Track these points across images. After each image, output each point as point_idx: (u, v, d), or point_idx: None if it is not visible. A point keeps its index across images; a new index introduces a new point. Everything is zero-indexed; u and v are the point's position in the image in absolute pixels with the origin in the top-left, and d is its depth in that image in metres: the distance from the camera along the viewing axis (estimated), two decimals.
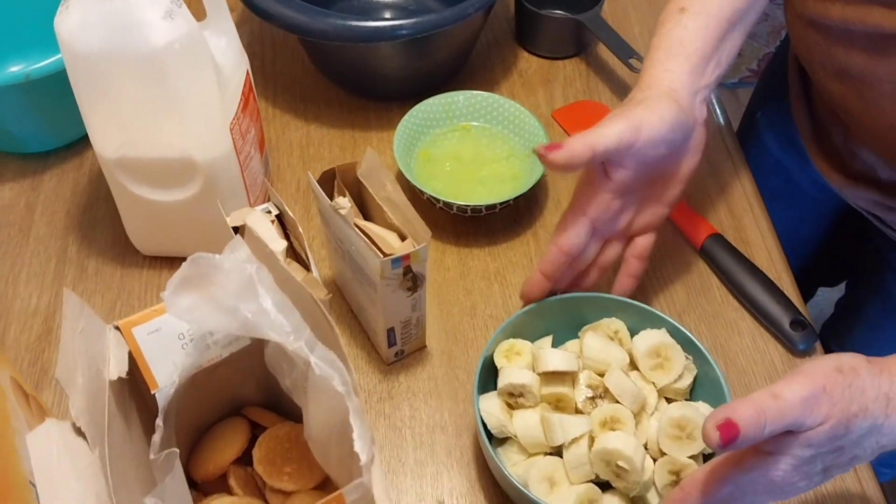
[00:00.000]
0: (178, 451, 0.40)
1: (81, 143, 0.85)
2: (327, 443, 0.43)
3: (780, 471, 0.47)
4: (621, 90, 0.92)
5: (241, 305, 0.38)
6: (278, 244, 0.42)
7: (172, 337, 0.43)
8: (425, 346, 0.72)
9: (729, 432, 0.45)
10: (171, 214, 0.70)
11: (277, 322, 0.38)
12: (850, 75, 0.65)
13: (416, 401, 0.69)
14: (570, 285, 0.69)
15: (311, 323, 0.39)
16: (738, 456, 0.50)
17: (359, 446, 0.35)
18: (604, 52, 0.96)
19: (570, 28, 0.94)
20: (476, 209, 0.75)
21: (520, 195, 0.76)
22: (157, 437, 0.41)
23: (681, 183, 0.66)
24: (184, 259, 0.55)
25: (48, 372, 0.70)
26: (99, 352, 0.40)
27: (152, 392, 0.42)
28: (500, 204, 0.75)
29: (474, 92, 0.84)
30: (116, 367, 0.41)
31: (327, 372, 0.37)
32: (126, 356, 0.42)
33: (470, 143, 0.83)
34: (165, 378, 0.42)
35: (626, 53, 0.88)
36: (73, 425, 0.37)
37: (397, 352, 0.70)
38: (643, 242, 0.68)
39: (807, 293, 1.05)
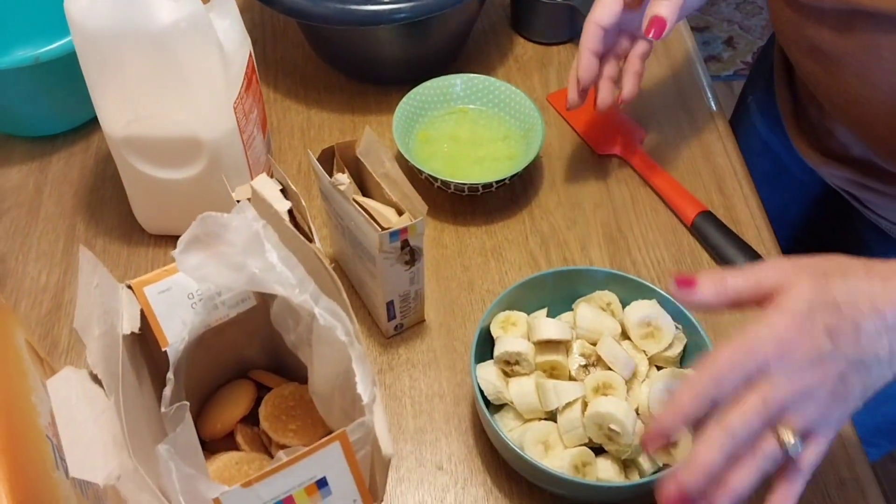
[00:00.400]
0: (188, 403, 0.42)
1: (88, 126, 0.87)
2: (330, 396, 0.45)
3: (781, 326, 0.47)
4: None
5: (248, 261, 0.40)
6: (283, 205, 0.44)
7: (182, 296, 0.45)
8: (424, 320, 0.74)
9: (685, 280, 0.49)
10: (176, 193, 0.72)
11: (283, 276, 0.40)
12: (820, 52, 0.67)
13: (415, 372, 0.71)
14: (607, 94, 0.78)
15: (315, 278, 0.41)
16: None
17: (361, 388, 0.37)
18: None
19: (564, 14, 0.96)
20: (473, 187, 0.78)
21: (515, 174, 0.78)
22: (167, 391, 0.43)
23: None
24: None
25: (58, 345, 0.72)
26: (113, 307, 0.42)
27: (163, 349, 0.44)
28: (497, 182, 0.77)
29: (471, 75, 0.86)
30: (129, 323, 0.43)
31: (331, 322, 0.39)
32: (138, 314, 0.44)
33: (467, 124, 0.85)
34: (175, 336, 0.45)
35: None
36: (90, 373, 0.39)
37: (397, 325, 0.73)
38: (644, 45, 0.76)
39: None
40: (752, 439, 0.49)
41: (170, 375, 0.43)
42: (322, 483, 0.35)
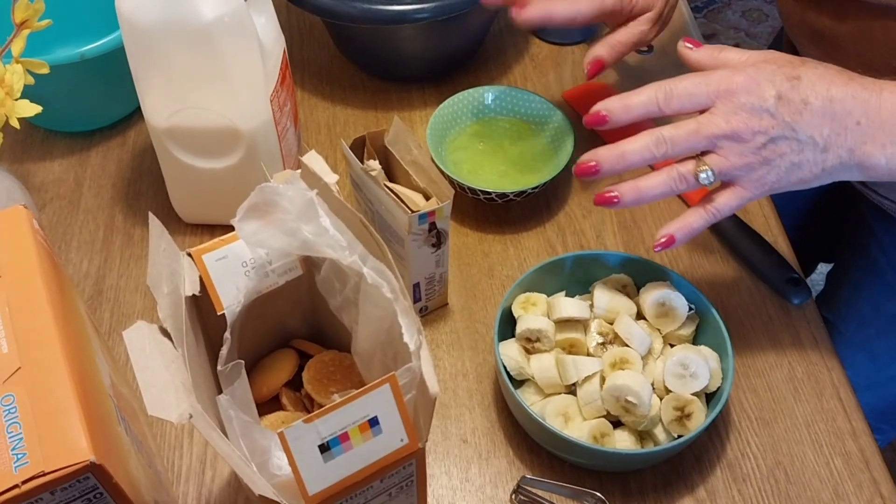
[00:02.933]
0: (243, 362, 0.46)
1: (124, 122, 0.92)
2: (372, 354, 0.49)
3: (739, 74, 0.54)
4: (626, 72, 0.98)
5: (302, 226, 0.44)
6: (331, 177, 0.48)
7: (237, 264, 0.49)
8: (447, 304, 0.78)
9: (694, 42, 0.58)
10: (213, 182, 0.76)
11: (335, 239, 0.44)
12: (821, 37, 0.71)
13: (439, 351, 0.75)
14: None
15: (362, 242, 0.44)
16: None
17: (407, 337, 0.41)
18: None
19: None
20: (501, 195, 0.80)
21: (538, 186, 0.80)
22: (224, 350, 0.47)
23: None
24: (223, 226, 0.60)
25: (101, 328, 0.76)
26: (176, 271, 0.46)
27: (218, 312, 0.48)
28: (531, 189, 0.80)
29: (500, 87, 0.88)
30: (190, 286, 0.46)
31: (377, 281, 0.43)
32: (197, 279, 0.47)
33: (497, 134, 0.88)
34: (230, 300, 0.48)
35: None
36: (160, 327, 0.43)
37: (422, 307, 0.76)
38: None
39: (806, 268, 1.11)
40: (673, 155, 0.56)
41: (227, 335, 0.47)
42: (374, 422, 0.39)
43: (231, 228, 0.80)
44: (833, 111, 0.53)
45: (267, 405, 0.58)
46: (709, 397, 0.67)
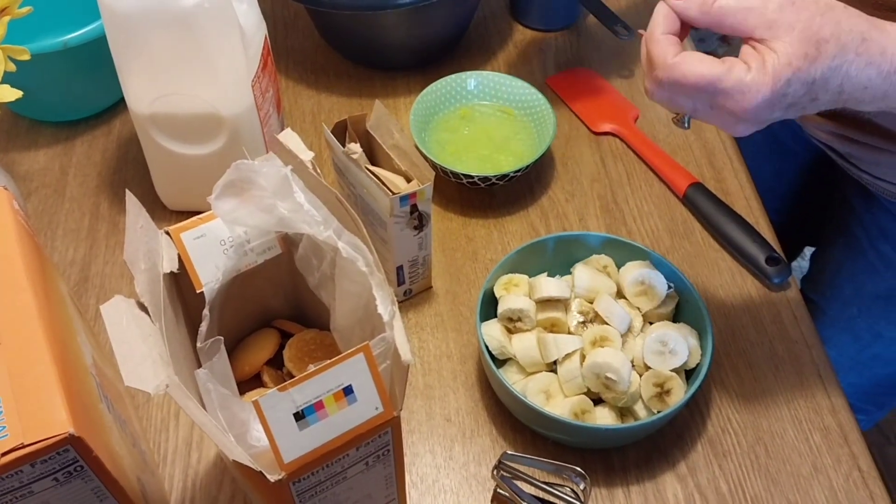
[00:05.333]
0: (222, 338, 0.46)
1: (109, 111, 0.92)
2: (351, 331, 0.49)
3: (758, 94, 0.50)
4: (609, 56, 0.99)
5: (278, 203, 0.45)
6: (307, 154, 0.49)
7: (215, 242, 0.49)
8: (431, 287, 0.79)
9: None
10: (197, 168, 0.76)
11: (310, 215, 0.44)
12: None
13: (423, 333, 0.76)
14: None
15: (337, 218, 0.45)
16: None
17: (381, 308, 0.41)
18: (592, 25, 1.03)
19: (560, 2, 1.00)
20: (484, 179, 0.81)
21: (520, 169, 0.81)
22: (203, 327, 0.47)
23: None
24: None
25: (86, 314, 0.77)
26: (154, 248, 0.46)
27: (197, 290, 0.49)
28: (507, 175, 0.81)
29: (484, 72, 0.89)
30: (168, 264, 0.47)
31: (352, 255, 0.44)
32: (175, 257, 0.48)
33: (479, 119, 0.88)
34: (209, 277, 0.49)
35: (612, 21, 0.94)
36: (138, 302, 0.43)
37: (406, 290, 0.77)
38: None
39: (791, 252, 1.12)
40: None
41: (205, 312, 0.47)
42: (348, 390, 0.39)
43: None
44: (845, 60, 0.51)
45: (249, 383, 0.59)
46: (689, 374, 0.68)
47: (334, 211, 0.47)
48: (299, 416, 0.39)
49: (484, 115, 0.89)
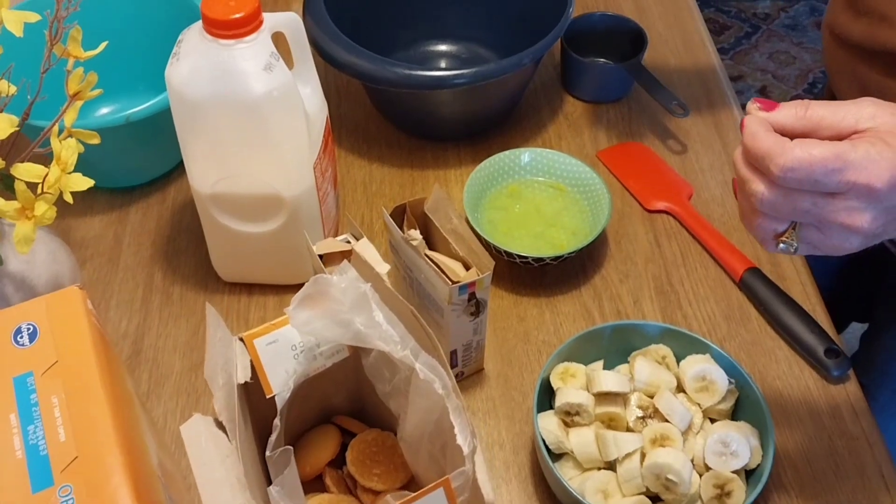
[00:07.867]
0: (292, 448, 0.46)
1: (164, 178, 0.93)
2: (419, 442, 0.49)
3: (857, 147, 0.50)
4: (662, 132, 0.99)
5: (354, 318, 0.44)
6: (383, 267, 0.49)
7: (287, 347, 0.49)
8: (483, 369, 0.78)
9: (766, 102, 0.51)
10: (254, 244, 0.77)
11: (388, 333, 0.44)
12: (870, 92, 0.71)
13: (475, 419, 0.75)
14: None
15: (413, 335, 0.45)
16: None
17: (461, 439, 0.41)
18: (645, 96, 1.02)
19: (613, 75, 1.00)
20: (538, 259, 0.80)
21: (574, 251, 0.80)
22: (273, 437, 0.47)
23: None
24: (262, 285, 0.61)
25: (138, 389, 0.76)
26: (230, 358, 0.46)
27: (268, 396, 0.49)
28: (567, 254, 0.80)
29: (536, 149, 0.89)
30: (242, 373, 0.47)
31: (430, 376, 0.43)
32: (248, 365, 0.48)
33: (532, 196, 0.88)
34: (279, 384, 0.49)
35: (668, 99, 0.94)
36: (216, 420, 0.43)
37: (458, 373, 0.76)
38: None
39: (838, 327, 1.10)
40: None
41: (277, 422, 0.47)
42: None
43: (269, 287, 0.80)
44: None
45: (309, 484, 0.58)
46: (748, 473, 0.67)
47: (409, 325, 0.46)
48: None
49: (534, 190, 0.89)
